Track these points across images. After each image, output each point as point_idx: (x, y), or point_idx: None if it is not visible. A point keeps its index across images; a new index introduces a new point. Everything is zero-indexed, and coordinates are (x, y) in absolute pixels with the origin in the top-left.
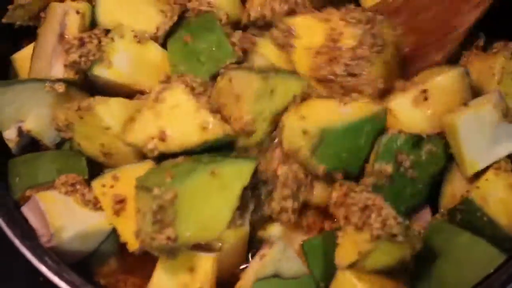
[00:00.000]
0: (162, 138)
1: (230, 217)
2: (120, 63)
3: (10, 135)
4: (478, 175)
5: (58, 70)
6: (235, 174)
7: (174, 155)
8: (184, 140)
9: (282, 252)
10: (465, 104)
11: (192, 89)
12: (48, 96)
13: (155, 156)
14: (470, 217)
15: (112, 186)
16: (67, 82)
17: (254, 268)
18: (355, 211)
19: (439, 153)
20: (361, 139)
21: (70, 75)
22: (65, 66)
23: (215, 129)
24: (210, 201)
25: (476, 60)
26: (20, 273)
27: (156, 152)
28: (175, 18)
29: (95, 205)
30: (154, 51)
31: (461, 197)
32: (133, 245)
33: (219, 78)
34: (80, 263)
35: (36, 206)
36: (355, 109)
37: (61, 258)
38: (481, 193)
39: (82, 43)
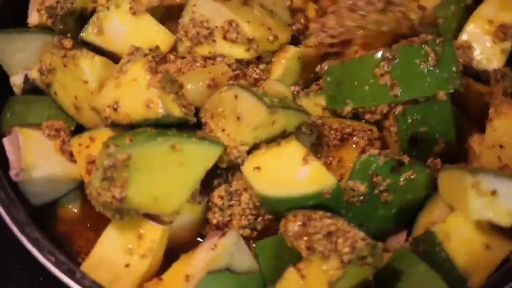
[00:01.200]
0: (115, 108)
1: (186, 197)
2: (113, 32)
3: (17, 80)
4: None
5: (34, 17)
6: (198, 154)
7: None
8: (130, 113)
9: (235, 245)
10: None
11: (151, 65)
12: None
13: (109, 124)
14: (430, 250)
15: (87, 146)
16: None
17: (206, 258)
18: (320, 240)
19: (419, 182)
20: (308, 204)
21: (43, 19)
22: (38, 11)
23: (156, 109)
24: (167, 175)
25: (509, 110)
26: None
27: (109, 121)
28: None
29: (72, 156)
30: (148, 24)
31: (426, 229)
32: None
33: (224, 88)
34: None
35: (16, 139)
36: (310, 177)
37: (26, 196)
38: (445, 228)
39: None
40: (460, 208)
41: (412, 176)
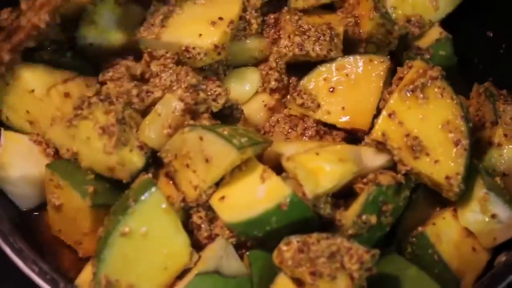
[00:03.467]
0: (75, 158)
1: (184, 238)
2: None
3: None
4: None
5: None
6: (146, 216)
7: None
8: (93, 167)
9: (224, 249)
10: None
11: (104, 125)
12: None
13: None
14: (420, 252)
15: (56, 187)
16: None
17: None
18: (324, 262)
19: (408, 195)
20: (272, 220)
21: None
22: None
23: (121, 174)
24: (150, 249)
25: None
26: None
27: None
28: None
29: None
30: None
31: (415, 231)
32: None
33: (186, 129)
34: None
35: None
36: (267, 194)
37: (13, 199)
38: (436, 230)
39: None
40: (459, 204)
41: (407, 194)
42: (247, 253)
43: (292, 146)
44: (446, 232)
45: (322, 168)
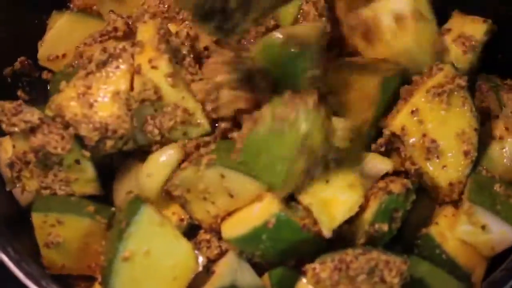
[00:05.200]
0: None
1: (185, 244)
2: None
3: None
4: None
5: None
6: (143, 236)
7: None
8: None
9: (237, 262)
10: None
11: None
12: None
13: None
14: (428, 253)
15: (54, 225)
16: None
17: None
18: (364, 279)
19: (414, 199)
20: (262, 237)
21: None
22: None
23: None
24: (155, 265)
25: None
26: None
27: None
28: None
29: None
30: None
31: (419, 233)
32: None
33: (202, 167)
34: None
35: None
36: (260, 211)
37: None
38: (440, 229)
39: None
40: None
41: (414, 198)
42: (267, 272)
43: None
44: (451, 230)
45: (335, 200)
